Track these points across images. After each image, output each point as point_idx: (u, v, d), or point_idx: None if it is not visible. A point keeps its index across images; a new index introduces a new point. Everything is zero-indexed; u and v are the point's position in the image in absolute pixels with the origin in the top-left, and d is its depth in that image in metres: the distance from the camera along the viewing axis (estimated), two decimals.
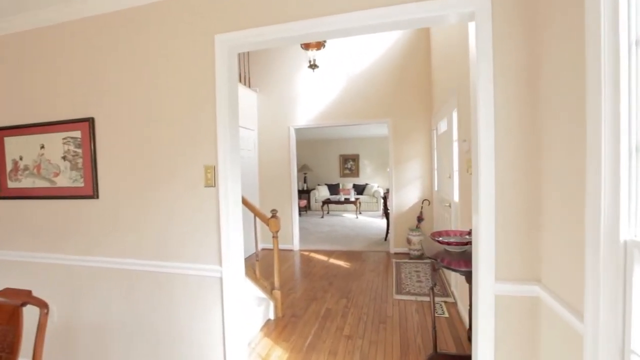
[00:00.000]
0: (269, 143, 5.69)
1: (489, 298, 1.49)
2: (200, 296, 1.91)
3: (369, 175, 11.24)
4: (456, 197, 3.28)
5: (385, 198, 6.39)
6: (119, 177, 2.04)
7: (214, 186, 1.84)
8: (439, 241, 2.13)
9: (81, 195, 2.11)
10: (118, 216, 2.05)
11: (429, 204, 5.02)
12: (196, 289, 1.91)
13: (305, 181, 11.25)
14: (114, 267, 2.06)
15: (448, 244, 2.07)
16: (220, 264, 1.85)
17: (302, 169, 11.11)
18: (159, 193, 1.95)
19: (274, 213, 3.07)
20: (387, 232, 6.16)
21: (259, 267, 3.21)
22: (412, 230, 4.90)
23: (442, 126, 4.08)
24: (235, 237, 1.88)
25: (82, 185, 2.11)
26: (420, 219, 4.93)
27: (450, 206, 3.54)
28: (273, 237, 3.11)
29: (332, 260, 4.94)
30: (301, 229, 7.40)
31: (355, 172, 11.33)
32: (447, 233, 2.33)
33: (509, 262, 1.47)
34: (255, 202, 5.58)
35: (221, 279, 1.85)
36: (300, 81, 5.53)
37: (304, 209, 10.44)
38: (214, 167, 1.83)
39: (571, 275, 1.18)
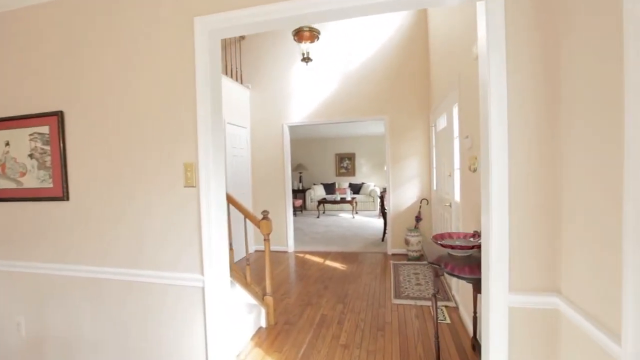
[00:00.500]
0: (262, 141, 5.51)
1: (502, 310, 1.33)
2: (180, 307, 1.72)
3: (365, 174, 11.09)
4: (457, 197, 3.13)
5: (382, 197, 6.24)
6: (91, 176, 1.85)
7: (195, 186, 1.66)
8: (442, 244, 1.96)
9: (50, 197, 1.92)
10: (90, 220, 1.86)
11: (427, 204, 4.87)
12: (175, 299, 1.73)
13: (300, 180, 11.07)
14: (85, 276, 1.87)
15: (452, 247, 1.91)
16: (201, 272, 1.67)
17: (298, 168, 10.93)
18: (134, 194, 1.76)
19: (265, 214, 2.89)
20: (385, 233, 6.01)
21: (250, 271, 3.02)
22: (410, 230, 4.75)
23: (442, 122, 3.92)
24: (218, 243, 1.70)
25: (51, 185, 1.92)
26: (418, 219, 4.78)
27: (450, 206, 3.39)
28: (265, 239, 2.92)
29: (328, 262, 4.77)
30: (296, 229, 7.23)
31: (351, 171, 11.18)
32: (449, 235, 2.17)
33: (524, 269, 1.31)
34: (248, 202, 5.40)
35: (203, 289, 1.67)
36: (294, 77, 5.35)
37: (299, 209, 10.26)
38: (194, 165, 1.65)
39: (600, 285, 1.02)
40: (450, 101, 3.25)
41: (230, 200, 3.00)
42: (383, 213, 6.08)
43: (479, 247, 1.85)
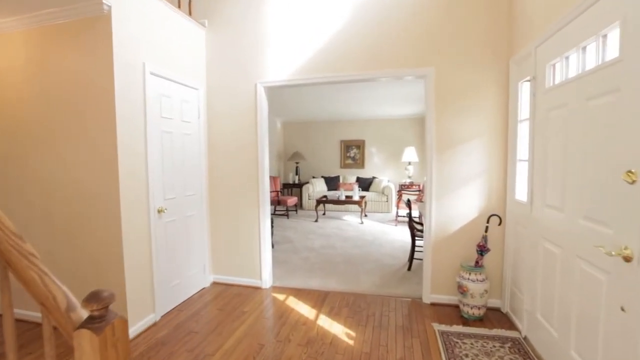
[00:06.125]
0: (224, 111, 3.45)
1: None
2: None
3: (377, 166, 9.01)
4: None
5: (409, 203, 4.18)
6: None
7: None
8: None
9: None
10: None
11: (500, 224, 2.80)
12: None
13: (297, 173, 9.03)
14: None
15: None
16: None
17: (293, 158, 8.88)
18: None
19: (92, 304, 0.84)
20: (412, 257, 3.97)
21: None
22: (467, 269, 2.71)
23: (571, 63, 1.83)
24: None
25: None
26: (483, 249, 2.72)
27: (625, 257, 1.33)
28: None
29: (324, 320, 2.76)
30: (283, 241, 5.22)
31: (359, 163, 9.10)
32: None
33: None
34: (201, 206, 3.37)
35: None
36: (274, 10, 3.25)
37: (293, 208, 8.24)
38: None
39: None
40: None
41: None
42: (411, 226, 4.03)
43: None
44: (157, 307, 2.75)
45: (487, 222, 2.78)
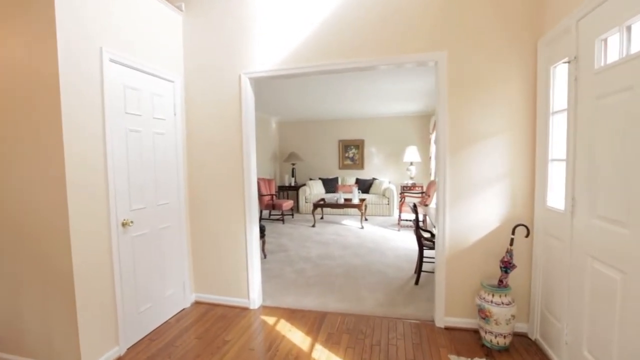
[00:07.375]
0: (205, 106, 3.02)
1: None
2: None
3: (377, 167, 8.59)
4: None
5: (415, 207, 3.75)
6: None
7: None
8: None
9: None
10: None
11: (527, 235, 2.37)
12: None
13: (293, 174, 8.60)
14: None
15: None
16: None
17: (290, 159, 8.45)
18: None
19: None
20: (420, 270, 3.54)
21: None
22: (489, 289, 2.28)
23: (634, 34, 1.41)
24: None
25: None
26: (507, 265, 2.29)
27: None
28: None
29: (320, 351, 2.32)
30: (278, 250, 4.78)
31: (359, 163, 8.67)
32: None
33: None
34: (178, 216, 2.94)
35: None
36: None
37: (289, 213, 7.81)
38: None
39: None
40: None
41: None
42: (418, 235, 3.61)
43: None
44: (121, 339, 2.31)
45: (513, 233, 2.35)
